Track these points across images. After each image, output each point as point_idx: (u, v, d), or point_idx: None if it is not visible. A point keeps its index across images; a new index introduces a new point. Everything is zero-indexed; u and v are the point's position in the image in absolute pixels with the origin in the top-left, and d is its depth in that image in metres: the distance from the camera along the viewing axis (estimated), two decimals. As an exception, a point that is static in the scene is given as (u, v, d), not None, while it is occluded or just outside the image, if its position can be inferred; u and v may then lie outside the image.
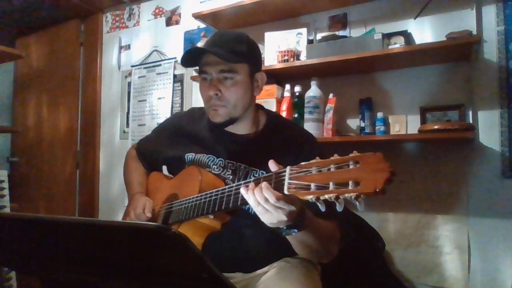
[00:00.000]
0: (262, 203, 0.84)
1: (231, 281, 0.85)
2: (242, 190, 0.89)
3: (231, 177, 1.15)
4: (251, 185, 0.88)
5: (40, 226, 0.67)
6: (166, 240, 0.56)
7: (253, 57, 1.19)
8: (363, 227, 1.74)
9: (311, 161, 0.79)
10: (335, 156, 0.76)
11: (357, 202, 0.70)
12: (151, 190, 1.36)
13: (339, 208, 0.73)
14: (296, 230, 0.90)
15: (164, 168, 1.39)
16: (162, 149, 1.34)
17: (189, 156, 1.24)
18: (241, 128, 1.21)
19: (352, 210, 1.70)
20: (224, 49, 1.11)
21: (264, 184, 0.85)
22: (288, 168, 0.83)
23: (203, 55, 1.15)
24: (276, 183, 0.84)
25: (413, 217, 1.87)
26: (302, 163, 0.81)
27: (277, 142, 1.18)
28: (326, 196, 0.72)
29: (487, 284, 1.71)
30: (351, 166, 0.72)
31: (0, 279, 1.91)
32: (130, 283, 0.67)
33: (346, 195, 0.70)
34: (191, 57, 1.17)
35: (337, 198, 0.72)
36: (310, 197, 0.75)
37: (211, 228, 1.06)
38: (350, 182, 0.71)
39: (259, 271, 1.15)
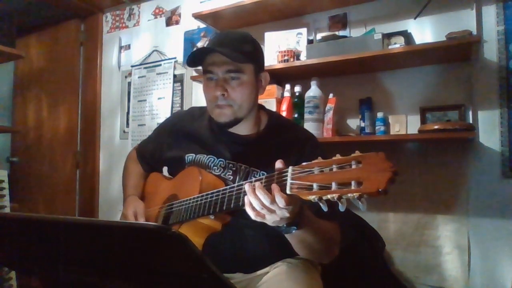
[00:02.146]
0: (268, 205, 0.84)
1: (232, 282, 0.85)
2: (247, 187, 0.88)
3: (231, 177, 1.15)
4: (257, 184, 0.86)
5: (40, 226, 0.67)
6: (166, 240, 0.56)
7: (258, 57, 1.19)
8: (363, 227, 1.74)
9: (313, 161, 0.79)
10: (337, 156, 0.76)
11: (359, 202, 0.70)
12: (150, 191, 1.36)
13: (341, 208, 0.73)
14: (295, 228, 0.90)
15: (165, 169, 1.39)
16: (162, 150, 1.33)
17: (189, 156, 1.23)
18: (243, 129, 1.20)
19: (352, 210, 1.71)
20: (231, 49, 1.10)
21: (273, 186, 0.84)
22: (290, 168, 0.83)
23: (207, 55, 1.14)
24: (278, 184, 0.84)
25: (413, 217, 1.87)
26: (304, 163, 0.80)
27: (279, 143, 1.18)
28: (329, 196, 0.72)
29: (487, 284, 1.71)
30: (353, 166, 0.72)
31: (0, 279, 1.91)
32: (130, 283, 0.67)
33: (349, 195, 0.70)
34: (196, 57, 1.15)
35: (339, 198, 0.71)
36: (312, 197, 0.75)
37: (212, 229, 1.06)
38: (353, 182, 0.70)
39: (259, 272, 1.15)
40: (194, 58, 1.15)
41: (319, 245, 1.01)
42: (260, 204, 0.85)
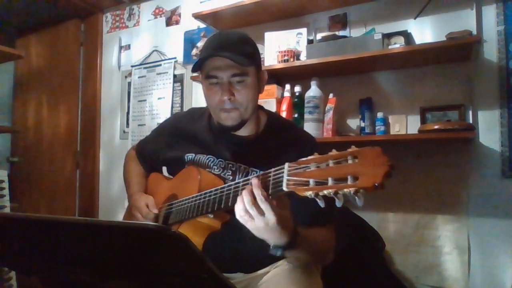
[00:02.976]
0: (249, 207, 0.85)
1: (232, 282, 0.85)
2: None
3: (231, 177, 1.15)
4: (252, 184, 0.87)
5: (40, 226, 0.67)
6: (166, 240, 0.56)
7: (258, 57, 1.19)
8: (363, 227, 1.74)
9: (309, 157, 0.79)
10: (333, 152, 0.76)
11: (356, 197, 0.69)
12: (150, 191, 1.35)
13: (338, 203, 0.72)
14: (280, 250, 0.90)
15: (164, 169, 1.39)
16: (161, 150, 1.33)
17: (189, 156, 1.23)
18: (244, 130, 1.19)
19: (352, 210, 1.71)
20: (234, 53, 1.09)
21: (255, 180, 0.84)
22: (286, 165, 0.82)
23: (208, 59, 1.12)
24: (275, 180, 0.84)
25: (413, 217, 1.86)
26: (301, 159, 0.80)
27: (278, 143, 1.18)
28: (325, 192, 0.72)
29: (487, 284, 1.71)
30: (349, 161, 0.72)
31: (0, 279, 1.91)
32: (130, 283, 0.67)
33: (345, 190, 0.69)
34: (199, 62, 1.13)
35: (336, 193, 0.71)
36: (309, 193, 0.74)
37: (211, 228, 1.06)
38: (349, 177, 0.70)
39: (260, 272, 1.15)
40: (196, 64, 1.13)
41: (314, 258, 1.04)
42: (245, 207, 0.86)
